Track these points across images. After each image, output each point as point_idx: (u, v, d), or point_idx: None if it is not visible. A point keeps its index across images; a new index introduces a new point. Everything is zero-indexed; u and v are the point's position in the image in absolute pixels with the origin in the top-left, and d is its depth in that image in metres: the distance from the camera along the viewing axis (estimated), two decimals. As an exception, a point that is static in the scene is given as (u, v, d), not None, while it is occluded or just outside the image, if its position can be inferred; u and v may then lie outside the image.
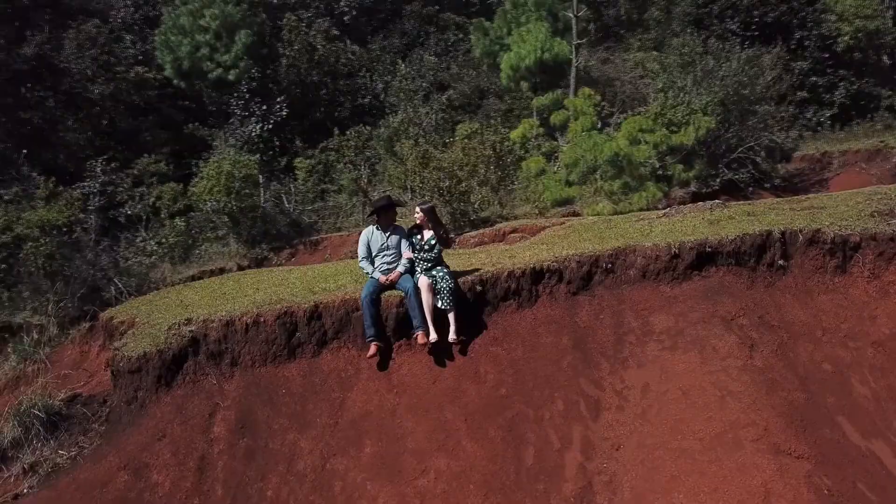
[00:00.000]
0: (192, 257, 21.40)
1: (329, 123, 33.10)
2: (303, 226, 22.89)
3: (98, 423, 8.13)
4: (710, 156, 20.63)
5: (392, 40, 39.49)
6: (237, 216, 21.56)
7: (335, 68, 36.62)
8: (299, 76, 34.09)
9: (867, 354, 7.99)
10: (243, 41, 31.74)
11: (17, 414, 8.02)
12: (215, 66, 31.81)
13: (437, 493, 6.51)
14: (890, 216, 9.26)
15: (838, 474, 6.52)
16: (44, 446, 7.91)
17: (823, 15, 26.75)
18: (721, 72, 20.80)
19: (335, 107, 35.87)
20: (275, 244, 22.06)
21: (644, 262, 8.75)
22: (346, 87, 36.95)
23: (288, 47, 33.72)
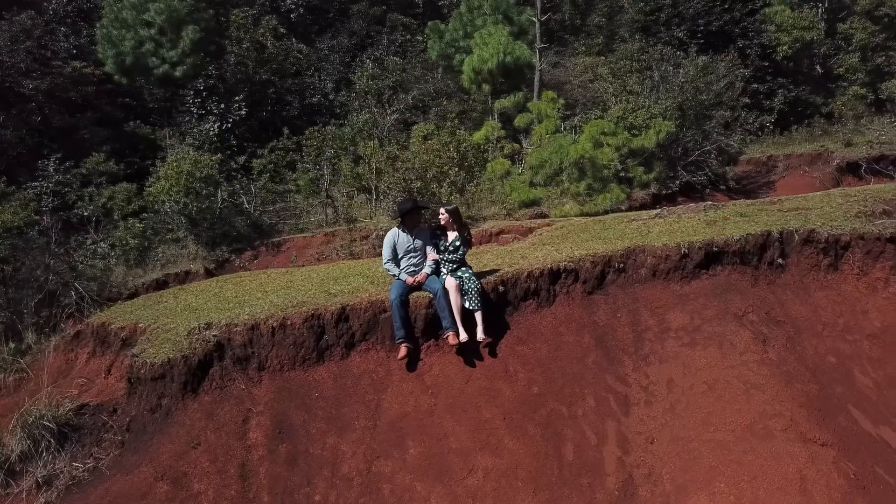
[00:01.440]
0: (148, 260, 20.66)
1: (278, 122, 32.59)
2: (264, 227, 22.44)
3: (111, 432, 7.78)
4: (668, 159, 21.40)
5: (341, 40, 39.13)
6: (196, 217, 20.96)
7: (283, 67, 36.03)
8: (247, 74, 33.37)
9: (864, 347, 8.51)
10: (190, 37, 30.82)
11: (24, 426, 7.60)
12: (160, 63, 30.77)
13: (488, 492, 6.57)
14: (874, 216, 9.89)
15: (858, 460, 6.94)
16: (55, 459, 7.53)
17: (763, 25, 28.15)
18: (679, 78, 21.59)
19: (283, 106, 35.29)
20: (235, 246, 21.57)
21: (654, 262, 9.05)
22: (294, 86, 36.42)
23: (236, 44, 32.94)
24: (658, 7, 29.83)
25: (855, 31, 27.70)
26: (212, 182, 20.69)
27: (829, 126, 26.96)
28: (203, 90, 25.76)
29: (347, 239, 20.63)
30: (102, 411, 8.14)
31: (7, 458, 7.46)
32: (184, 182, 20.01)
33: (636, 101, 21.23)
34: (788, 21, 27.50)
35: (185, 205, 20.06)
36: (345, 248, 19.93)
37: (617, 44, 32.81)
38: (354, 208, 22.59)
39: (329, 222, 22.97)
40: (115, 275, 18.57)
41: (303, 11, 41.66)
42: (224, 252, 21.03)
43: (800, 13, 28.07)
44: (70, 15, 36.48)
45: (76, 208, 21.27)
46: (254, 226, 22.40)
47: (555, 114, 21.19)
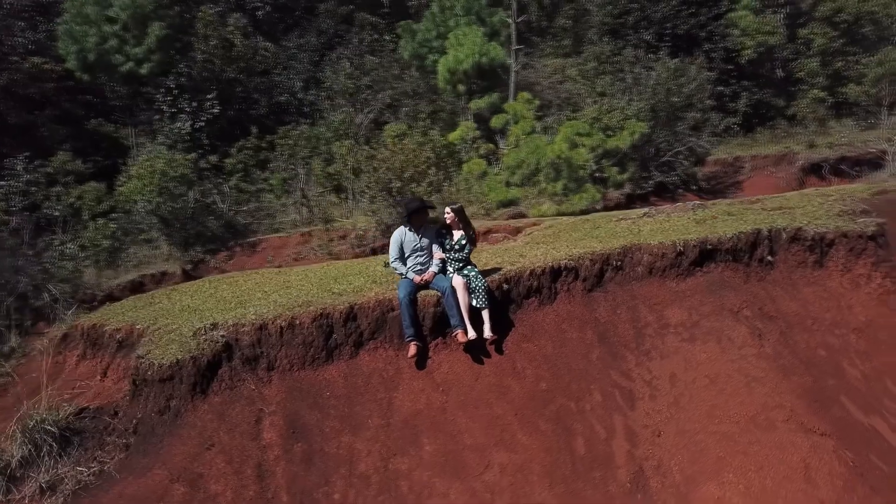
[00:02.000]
0: (119, 261, 20.21)
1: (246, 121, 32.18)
2: (238, 227, 22.15)
3: (114, 435, 7.64)
4: (641, 159, 21.82)
5: (309, 38, 38.79)
6: (169, 218, 20.58)
7: (251, 65, 35.56)
8: (214, 72, 32.84)
9: (851, 340, 8.86)
10: (156, 34, 30.20)
11: (25, 431, 7.42)
12: (125, 60, 30.09)
13: (505, 487, 6.66)
14: (855, 215, 10.29)
15: (855, 448, 7.23)
16: (57, 464, 7.37)
17: (728, 29, 28.87)
18: (651, 80, 22.02)
19: (251, 104, 34.84)
20: (210, 246, 21.25)
21: (651, 260, 9.27)
22: (261, 84, 35.97)
23: (203, 42, 32.39)
24: (626, 10, 30.34)
25: (815, 37, 28.62)
26: (186, 181, 20.31)
27: (791, 128, 27.83)
28: (174, 88, 25.21)
29: (325, 239, 20.52)
30: (103, 414, 7.99)
31: (7, 464, 7.29)
32: (157, 181, 19.63)
33: (610, 102, 21.58)
34: (752, 26, 28.29)
35: (159, 205, 19.67)
36: (322, 248, 19.82)
37: (585, 46, 33.24)
38: (329, 208, 22.47)
39: (304, 222, 22.81)
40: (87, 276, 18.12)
41: (269, 9, 41.17)
42: (198, 252, 20.70)
43: (763, 18, 28.89)
44: (27, 10, 35.40)
45: (45, 208, 20.66)
46: (228, 226, 22.09)
47: (530, 115, 21.43)
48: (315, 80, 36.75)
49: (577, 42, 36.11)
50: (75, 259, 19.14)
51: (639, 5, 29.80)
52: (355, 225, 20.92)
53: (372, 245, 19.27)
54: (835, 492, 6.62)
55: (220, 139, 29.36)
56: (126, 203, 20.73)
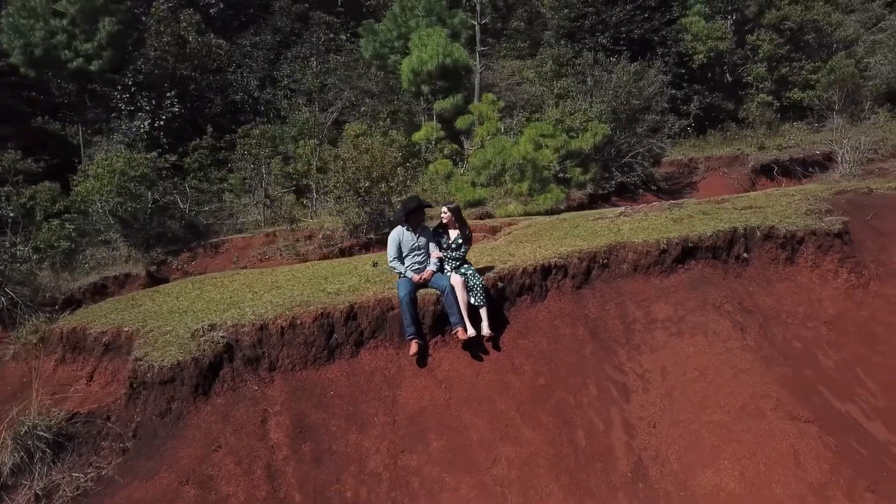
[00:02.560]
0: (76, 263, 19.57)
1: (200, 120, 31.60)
2: (200, 228, 21.73)
3: (109, 440, 7.50)
4: (602, 160, 22.33)
5: (264, 37, 38.27)
6: (127, 218, 20.06)
7: (205, 63, 34.90)
8: (167, 69, 32.10)
9: (823, 332, 9.34)
10: (107, 29, 29.35)
11: (17, 437, 7.22)
12: (74, 56, 29.15)
13: (513, 480, 6.81)
14: (821, 214, 10.83)
15: (836, 434, 7.64)
16: (51, 470, 7.20)
17: (681, 34, 29.77)
18: (612, 83, 22.56)
19: (206, 103, 34.19)
20: (171, 247, 20.79)
21: (635, 257, 9.58)
22: (216, 82, 35.34)
23: (156, 38, 31.63)
24: (582, 14, 30.95)
25: (762, 43, 29.77)
26: (147, 181, 19.82)
27: (740, 130, 28.89)
28: (132, 85, 24.54)
29: (290, 239, 20.33)
30: (96, 419, 7.83)
31: (0, 472, 7.09)
32: (117, 181, 19.10)
33: (573, 104, 22.03)
34: (703, 31, 29.25)
35: (119, 205, 19.16)
36: (289, 249, 19.62)
37: (542, 48, 33.77)
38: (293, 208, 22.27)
39: (268, 222, 22.52)
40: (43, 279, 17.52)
41: (222, 6, 40.45)
42: (159, 254, 20.23)
43: (713, 24, 29.90)
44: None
45: (-2, 208, 19.87)
46: (189, 226, 21.64)
47: (495, 116, 21.68)
48: (271, 79, 36.30)
49: (534, 45, 36.65)
50: (29, 261, 18.48)
51: (595, 10, 30.42)
52: (322, 225, 20.79)
53: (340, 245, 19.20)
54: (822, 475, 7.00)
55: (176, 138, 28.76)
56: (83, 203, 20.09)
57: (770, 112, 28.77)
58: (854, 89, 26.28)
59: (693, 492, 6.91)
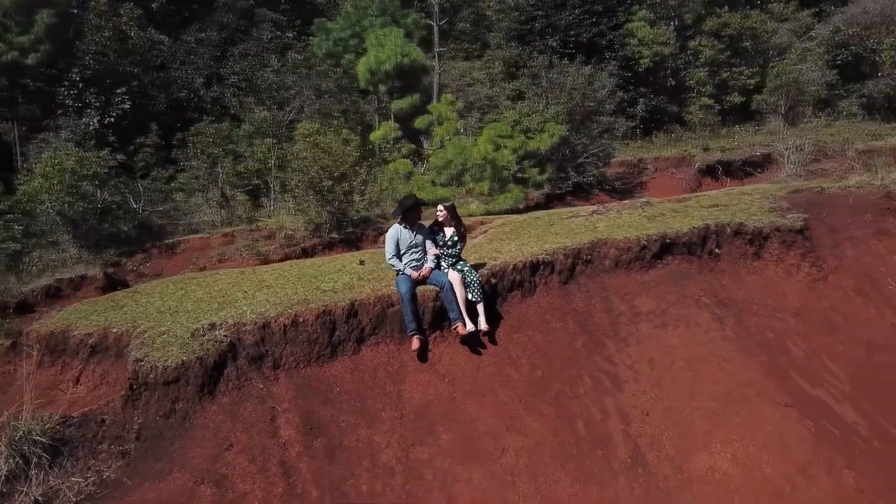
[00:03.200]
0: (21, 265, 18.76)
1: (143, 118, 30.68)
2: (153, 228, 21.15)
3: (107, 442, 7.36)
4: (558, 161, 22.84)
5: (209, 33, 37.41)
6: (76, 219, 19.38)
7: (146, 59, 33.90)
8: (108, 65, 31.03)
9: (791, 323, 9.90)
10: (45, 21, 28.25)
11: (12, 443, 7.00)
12: (7, 49, 27.93)
13: (523, 469, 7.02)
14: (783, 211, 11.46)
15: (812, 417, 8.16)
16: (48, 475, 7.02)
17: (627, 39, 30.68)
18: (567, 85, 23.10)
19: (148, 100, 33.20)
20: (123, 248, 20.18)
21: (617, 253, 9.94)
22: (158, 79, 34.37)
23: (96, 32, 30.54)
24: (532, 17, 31.50)
25: (703, 49, 31.01)
26: (99, 180, 19.18)
27: (684, 132, 30.00)
28: (79, 81, 23.64)
29: (250, 239, 20.05)
30: (90, 422, 7.66)
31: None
32: (66, 180, 18.43)
33: (531, 105, 22.45)
34: (648, 37, 30.24)
35: (69, 205, 18.48)
36: (249, 249, 19.34)
37: (492, 50, 34.21)
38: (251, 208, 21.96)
39: (224, 222, 22.11)
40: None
41: (164, 1, 39.34)
42: (111, 255, 19.61)
43: (657, 30, 30.94)
44: None
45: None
46: (142, 227, 21.04)
47: (454, 116, 21.91)
48: (218, 76, 35.54)
49: (483, 46, 37.07)
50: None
51: (544, 13, 31.03)
52: (282, 225, 20.57)
53: (302, 245, 19.07)
54: (805, 455, 7.48)
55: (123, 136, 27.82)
56: (28, 203, 19.28)
57: (712, 115, 29.99)
58: (797, 94, 27.70)
59: (689, 474, 7.28)
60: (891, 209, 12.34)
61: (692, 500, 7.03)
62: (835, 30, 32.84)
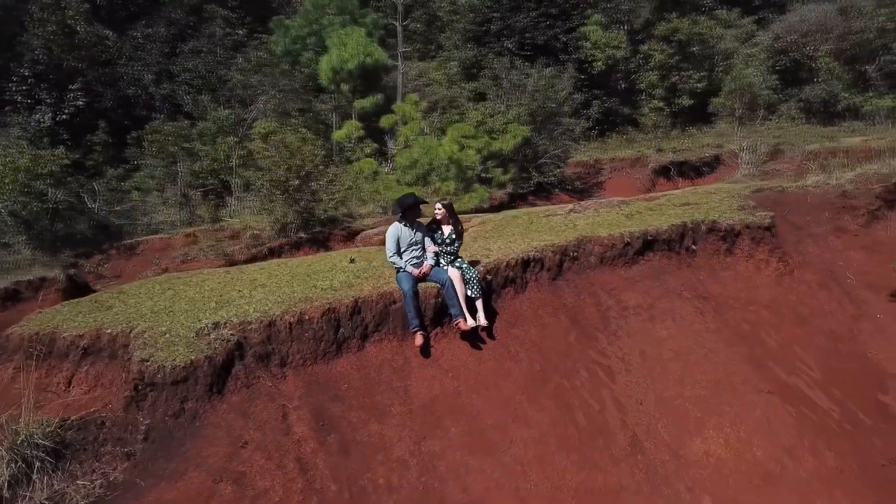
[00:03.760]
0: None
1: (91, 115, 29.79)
2: (112, 228, 20.59)
3: (110, 445, 7.25)
4: (521, 161, 23.23)
5: (157, 29, 36.51)
6: (30, 219, 18.74)
7: (93, 54, 32.88)
8: (53, 60, 29.98)
9: (763, 315, 10.43)
10: (-14, 15, 27.09)
11: (13, 447, 6.83)
12: (-56, 42, 26.75)
13: (531, 459, 7.24)
14: (752, 209, 12.02)
15: (791, 403, 8.66)
16: (52, 479, 6.89)
17: (581, 42, 31.36)
18: (529, 87, 23.50)
19: (95, 97, 32.24)
20: (80, 249, 19.60)
21: (602, 250, 10.28)
22: (105, 75, 33.39)
23: (40, 26, 29.46)
24: (488, 19, 31.88)
25: (654, 53, 31.97)
26: (55, 180, 18.57)
27: (636, 134, 30.88)
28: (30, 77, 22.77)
29: (213, 239, 19.74)
30: (89, 425, 7.53)
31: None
32: (21, 180, 17.80)
33: (493, 106, 22.77)
34: (602, 40, 31.00)
35: (23, 205, 17.85)
36: (213, 249, 19.06)
37: (448, 51, 34.44)
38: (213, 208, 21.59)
39: (185, 222, 21.69)
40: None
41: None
42: (67, 257, 19.01)
43: (609, 34, 31.75)
44: None
45: None
46: (99, 227, 20.46)
47: (418, 116, 22.03)
48: (168, 73, 34.74)
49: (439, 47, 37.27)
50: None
51: (500, 15, 31.43)
52: (246, 224, 20.31)
53: (269, 245, 18.88)
54: (791, 438, 7.95)
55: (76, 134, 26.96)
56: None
57: (663, 117, 30.97)
58: (751, 98, 28.85)
59: (686, 459, 7.64)
60: (846, 208, 13.09)
61: (690, 483, 7.39)
62: (775, 37, 34.33)
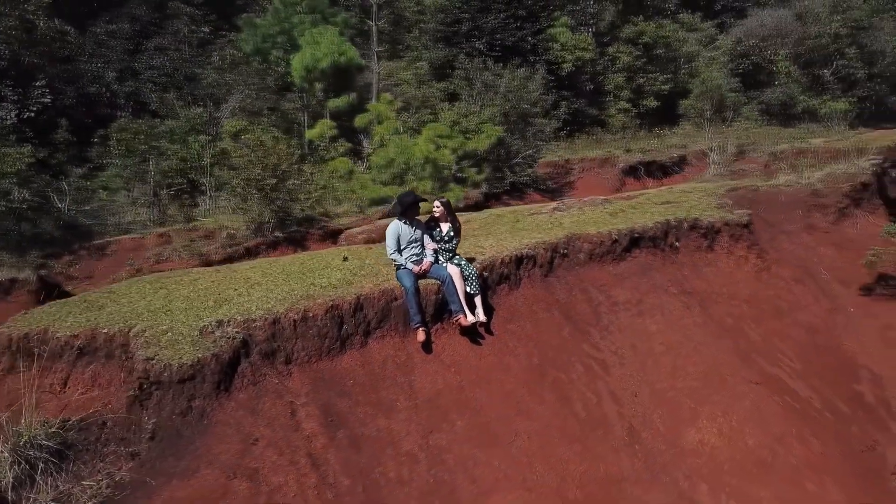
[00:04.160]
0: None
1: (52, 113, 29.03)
2: (81, 228, 20.15)
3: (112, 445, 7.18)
4: (495, 161, 23.45)
5: (121, 25, 35.73)
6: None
7: (53, 50, 32.04)
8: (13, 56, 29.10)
9: (745, 309, 10.80)
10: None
11: (16, 449, 6.73)
12: None
13: (536, 450, 7.39)
14: (730, 208, 12.42)
15: (776, 393, 9.01)
16: (56, 481, 6.80)
17: (550, 44, 31.76)
18: (502, 88, 23.74)
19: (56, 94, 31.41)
20: (49, 250, 19.13)
21: (590, 247, 10.52)
22: (65, 72, 32.56)
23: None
24: (457, 20, 32.05)
25: (620, 55, 32.58)
26: (20, 178, 18.11)
27: (604, 135, 31.44)
28: (-7, 72, 22.13)
29: (186, 239, 19.49)
30: (91, 425, 7.45)
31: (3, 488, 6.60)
32: (-13, 178, 17.35)
33: (466, 107, 22.94)
34: (570, 42, 31.45)
35: (-11, 204, 17.40)
36: (187, 249, 18.83)
37: (416, 51, 34.52)
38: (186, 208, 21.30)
39: (156, 222, 21.33)
40: None
41: (70, -10, 37.23)
42: (35, 257, 18.55)
43: (578, 36, 32.24)
44: None
45: None
46: (67, 227, 20.01)
47: (393, 115, 22.08)
48: (132, 71, 34.04)
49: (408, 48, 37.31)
50: None
51: (470, 16, 31.64)
52: (221, 224, 20.09)
53: (245, 245, 18.73)
54: (780, 426, 8.28)
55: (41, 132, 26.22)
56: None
57: (629, 118, 31.60)
58: (720, 100, 29.64)
59: (682, 448, 7.89)
60: (817, 206, 13.63)
61: (687, 471, 7.64)
62: (736, 41, 35.35)
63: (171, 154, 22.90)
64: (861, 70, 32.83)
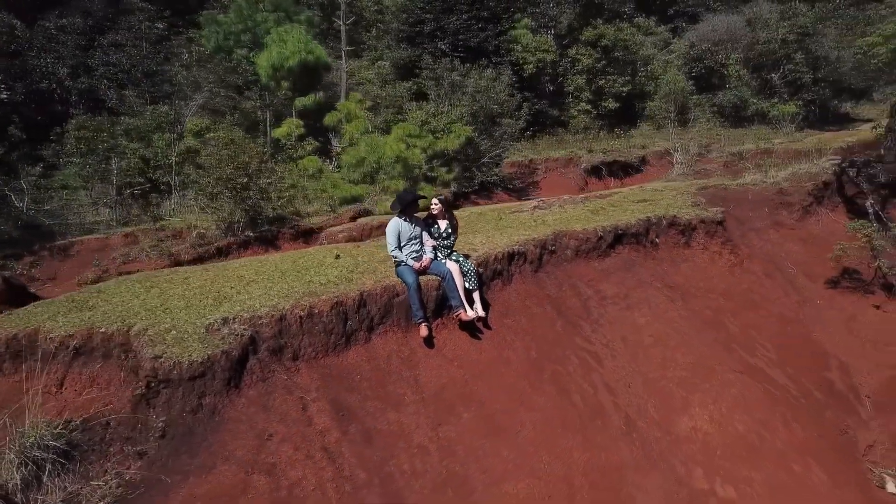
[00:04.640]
0: None
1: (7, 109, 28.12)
2: (42, 228, 19.55)
3: (118, 444, 7.11)
4: (464, 161, 23.65)
5: (73, 20, 34.67)
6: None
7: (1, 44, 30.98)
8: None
9: (722, 303, 11.25)
10: None
11: (23, 450, 6.61)
12: None
13: (541, 441, 7.60)
14: (705, 206, 12.89)
15: (758, 381, 9.44)
16: (63, 481, 6.71)
17: (512, 45, 32.16)
18: (470, 87, 23.96)
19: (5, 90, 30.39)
20: (7, 251, 18.51)
21: (577, 244, 10.81)
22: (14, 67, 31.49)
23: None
24: (420, 20, 32.17)
25: (581, 58, 33.20)
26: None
27: (565, 135, 31.99)
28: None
29: (154, 239, 19.11)
30: (95, 426, 7.36)
31: (6, 490, 6.49)
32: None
33: (436, 107, 23.08)
34: (532, 44, 31.91)
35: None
36: (156, 249, 18.46)
37: (380, 51, 34.51)
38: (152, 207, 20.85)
39: (120, 221, 20.81)
40: None
41: (17, -18, 35.96)
42: (-6, 259, 17.94)
43: (539, 37, 32.74)
44: None
45: None
46: (27, 227, 19.38)
47: (363, 114, 22.07)
48: (86, 67, 33.08)
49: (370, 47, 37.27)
50: None
51: (433, 16, 31.80)
52: (190, 224, 19.74)
53: (217, 244, 18.47)
54: (765, 413, 8.68)
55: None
56: None
57: (590, 119, 32.25)
58: (683, 102, 30.46)
59: (677, 436, 8.21)
60: (783, 204, 14.23)
61: (683, 457, 7.96)
62: (690, 45, 36.42)
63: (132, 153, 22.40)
64: (807, 74, 34.20)
